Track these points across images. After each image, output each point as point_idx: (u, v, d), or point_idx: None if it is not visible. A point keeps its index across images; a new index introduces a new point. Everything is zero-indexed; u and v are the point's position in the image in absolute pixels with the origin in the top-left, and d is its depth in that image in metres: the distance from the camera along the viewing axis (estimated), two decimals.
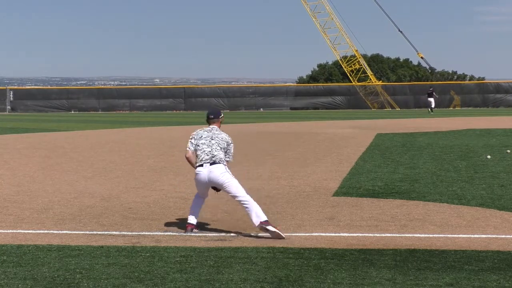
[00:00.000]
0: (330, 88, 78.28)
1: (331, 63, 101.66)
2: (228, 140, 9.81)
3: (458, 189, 13.44)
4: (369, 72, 79.65)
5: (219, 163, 9.56)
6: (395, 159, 19.03)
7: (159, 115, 61.12)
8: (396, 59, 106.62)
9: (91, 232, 9.70)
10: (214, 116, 10.02)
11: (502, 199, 12.19)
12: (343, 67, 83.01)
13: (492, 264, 7.72)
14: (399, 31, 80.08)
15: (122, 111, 73.17)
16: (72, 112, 72.12)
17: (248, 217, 9.45)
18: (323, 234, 9.42)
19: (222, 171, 9.53)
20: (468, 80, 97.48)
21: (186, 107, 74.03)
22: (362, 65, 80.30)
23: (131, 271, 7.48)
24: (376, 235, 9.38)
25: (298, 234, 9.44)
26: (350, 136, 29.05)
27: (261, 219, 9.25)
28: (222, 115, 10.14)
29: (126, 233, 9.68)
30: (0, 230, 9.89)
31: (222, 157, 9.65)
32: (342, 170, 16.68)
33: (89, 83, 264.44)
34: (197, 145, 9.73)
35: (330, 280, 7.09)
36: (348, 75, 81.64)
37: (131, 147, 24.57)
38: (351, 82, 79.52)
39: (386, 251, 8.31)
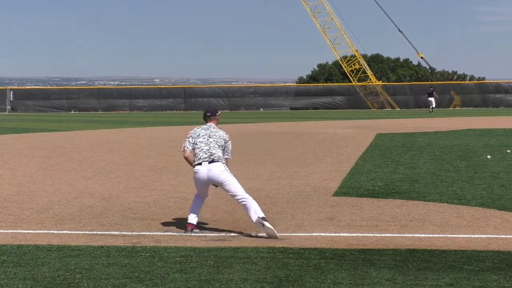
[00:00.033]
0: (330, 88, 78.25)
1: (331, 63, 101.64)
2: (225, 137, 9.84)
3: (458, 189, 13.44)
4: (369, 72, 79.64)
5: (217, 162, 9.60)
6: (395, 159, 19.03)
7: (159, 115, 61.11)
8: (396, 59, 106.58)
9: (91, 232, 9.70)
10: (211, 114, 10.06)
11: (502, 199, 12.19)
12: (343, 67, 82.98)
13: (492, 264, 7.72)
14: (399, 31, 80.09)
15: (122, 111, 73.15)
16: (72, 112, 72.09)
17: (247, 213, 9.49)
18: (323, 234, 9.42)
19: (221, 170, 9.56)
20: (468, 80, 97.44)
21: (186, 107, 74.01)
22: (362, 65, 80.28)
23: (131, 271, 7.48)
24: (376, 235, 9.38)
25: (298, 234, 9.44)
26: (350, 136, 29.05)
27: (259, 215, 9.30)
28: (219, 112, 10.19)
29: (126, 233, 9.68)
30: (0, 230, 9.89)
31: (221, 155, 9.68)
32: (342, 170, 16.69)
33: (89, 83, 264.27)
34: (195, 143, 9.75)
35: (330, 280, 7.09)
36: (348, 75, 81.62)
37: (131, 147, 24.57)
38: (351, 82, 79.49)
39: (386, 251, 8.31)
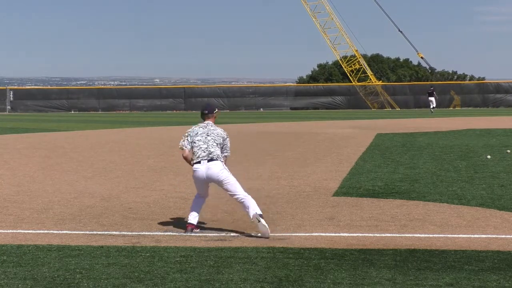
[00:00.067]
0: (330, 88, 78.25)
1: (331, 63, 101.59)
2: (223, 135, 9.85)
3: (458, 189, 13.44)
4: (369, 72, 79.64)
5: (216, 160, 9.62)
6: (395, 159, 19.03)
7: (159, 115, 61.12)
8: (396, 59, 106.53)
9: (91, 232, 9.70)
10: (208, 112, 10.06)
11: (502, 199, 12.19)
12: (343, 67, 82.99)
13: (492, 264, 7.72)
14: (399, 31, 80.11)
15: (122, 111, 73.16)
16: (72, 112, 72.11)
17: (245, 210, 9.53)
18: (323, 234, 9.42)
19: (220, 168, 9.58)
20: (468, 80, 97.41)
21: (186, 107, 73.99)
22: (362, 65, 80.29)
23: (131, 271, 7.48)
24: (376, 235, 9.38)
25: (298, 234, 9.44)
26: (350, 136, 29.05)
27: (256, 211, 9.34)
28: (216, 110, 10.20)
29: (126, 233, 9.68)
30: (0, 230, 9.89)
31: (219, 153, 9.70)
32: (342, 170, 16.69)
33: (89, 83, 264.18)
34: (193, 142, 9.76)
35: (330, 280, 7.09)
36: (348, 75, 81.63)
37: (131, 147, 24.57)
38: (351, 82, 79.50)
39: (386, 251, 8.31)
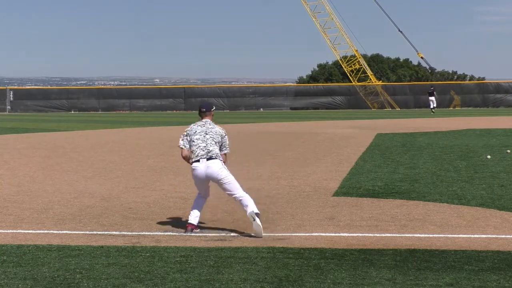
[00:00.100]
0: (330, 88, 78.26)
1: (331, 63, 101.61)
2: (222, 133, 9.86)
3: (458, 189, 13.44)
4: (369, 72, 79.65)
5: (215, 159, 9.64)
6: (395, 159, 19.03)
7: (159, 115, 61.11)
8: (396, 59, 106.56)
9: (91, 232, 9.70)
10: (206, 109, 10.07)
11: (502, 199, 12.19)
12: (343, 67, 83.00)
13: (492, 264, 7.72)
14: (399, 31, 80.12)
15: (122, 111, 73.16)
16: (72, 112, 72.11)
17: (243, 208, 9.57)
18: (323, 234, 9.42)
19: (220, 167, 9.61)
20: (468, 80, 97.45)
21: (186, 107, 73.99)
22: (362, 65, 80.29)
23: (131, 271, 7.48)
24: (376, 235, 9.38)
25: (298, 234, 9.44)
26: (350, 136, 29.05)
27: (253, 210, 9.37)
28: (214, 108, 10.21)
29: (126, 233, 9.68)
30: (0, 230, 9.89)
31: (218, 152, 9.72)
32: (342, 170, 16.68)
33: (89, 83, 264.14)
34: (191, 140, 9.77)
35: (330, 280, 7.09)
36: (348, 75, 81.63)
37: (131, 147, 24.57)
38: (351, 82, 79.50)
39: (386, 251, 8.31)
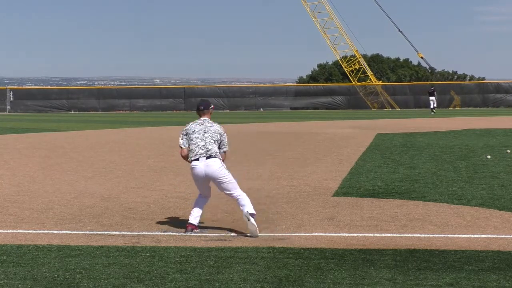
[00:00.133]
0: (330, 88, 78.28)
1: (331, 63, 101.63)
2: (220, 131, 9.87)
3: (458, 189, 13.44)
4: (369, 72, 79.65)
5: (214, 157, 9.65)
6: (395, 159, 19.03)
7: (159, 115, 61.12)
8: (396, 59, 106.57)
9: (91, 232, 9.70)
10: (204, 108, 10.08)
11: (502, 199, 12.18)
12: (343, 67, 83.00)
13: (492, 264, 7.72)
14: (399, 31, 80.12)
15: (122, 111, 73.17)
16: (72, 112, 72.11)
17: (239, 207, 9.63)
18: (323, 234, 9.42)
19: (219, 166, 9.63)
20: (468, 80, 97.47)
21: (186, 107, 73.97)
22: (362, 65, 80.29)
23: (131, 271, 7.48)
24: (376, 235, 9.38)
25: (298, 234, 9.44)
26: (350, 136, 29.05)
27: (249, 210, 9.42)
28: (212, 106, 10.21)
29: (126, 233, 9.68)
30: (0, 230, 9.89)
31: (217, 150, 9.74)
32: (342, 170, 16.68)
33: (89, 83, 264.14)
34: (190, 139, 9.78)
35: (330, 280, 7.09)
36: (348, 75, 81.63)
37: (131, 147, 24.57)
38: (351, 82, 79.51)
39: (386, 251, 8.31)
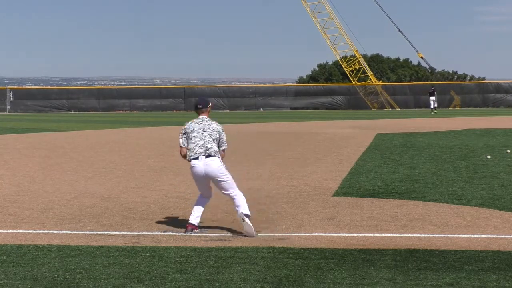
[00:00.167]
0: (330, 88, 78.28)
1: (331, 63, 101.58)
2: (219, 129, 9.87)
3: (458, 189, 13.44)
4: (369, 72, 79.64)
5: (214, 156, 9.65)
6: (395, 159, 19.03)
7: (159, 115, 61.12)
8: (396, 59, 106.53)
9: (91, 232, 9.70)
10: (202, 106, 10.07)
11: (502, 199, 12.18)
12: (343, 67, 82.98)
13: (492, 264, 7.71)
14: (399, 31, 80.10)
15: (122, 111, 73.17)
16: (72, 112, 72.12)
17: (235, 207, 9.66)
18: (323, 234, 9.42)
19: (218, 165, 9.65)
20: (468, 80, 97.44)
21: (186, 107, 73.93)
22: (362, 65, 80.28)
23: (131, 271, 7.48)
24: (376, 235, 9.38)
25: (298, 234, 9.44)
26: (350, 136, 29.05)
27: (243, 211, 9.45)
28: (210, 104, 10.20)
29: (126, 233, 9.68)
30: (0, 230, 9.89)
31: (216, 149, 9.75)
32: (342, 170, 16.68)
33: (89, 83, 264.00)
34: (189, 138, 9.78)
35: (330, 280, 7.09)
36: (348, 75, 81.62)
37: (131, 147, 24.57)
38: (351, 82, 79.51)
39: (386, 251, 8.31)
